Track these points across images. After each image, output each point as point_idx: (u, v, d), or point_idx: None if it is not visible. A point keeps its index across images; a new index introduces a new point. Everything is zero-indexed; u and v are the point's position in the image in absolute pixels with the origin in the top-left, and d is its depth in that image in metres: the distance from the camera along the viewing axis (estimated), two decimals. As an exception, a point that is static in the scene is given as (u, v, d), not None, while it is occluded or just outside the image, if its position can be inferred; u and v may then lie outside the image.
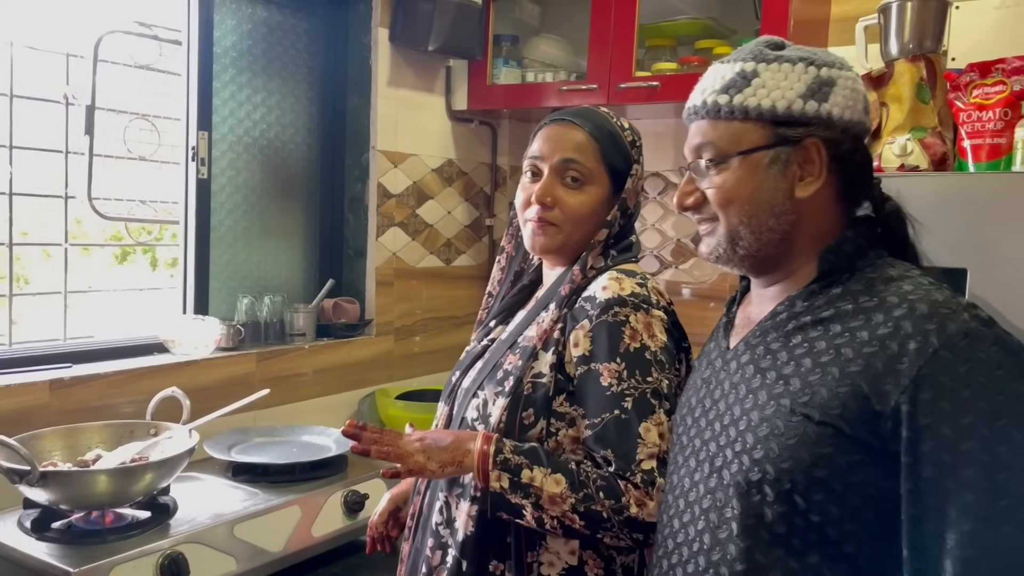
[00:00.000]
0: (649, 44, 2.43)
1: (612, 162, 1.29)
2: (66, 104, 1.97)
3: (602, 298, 1.20)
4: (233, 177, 2.28)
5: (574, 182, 1.28)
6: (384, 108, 2.46)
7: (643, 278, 1.25)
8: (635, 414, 1.14)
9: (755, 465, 0.93)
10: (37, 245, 2.02)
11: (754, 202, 1.00)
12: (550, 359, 1.21)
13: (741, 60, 1.02)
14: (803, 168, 0.98)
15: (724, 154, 1.00)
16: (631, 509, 1.11)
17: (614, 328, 1.18)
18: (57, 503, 1.47)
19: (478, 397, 1.26)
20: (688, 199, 1.05)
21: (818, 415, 0.90)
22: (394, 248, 2.54)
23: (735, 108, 0.99)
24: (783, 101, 0.98)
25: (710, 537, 0.98)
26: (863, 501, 0.88)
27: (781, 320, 1.01)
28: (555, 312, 1.25)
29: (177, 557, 1.45)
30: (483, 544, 1.20)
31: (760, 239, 1.01)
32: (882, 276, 0.96)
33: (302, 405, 2.26)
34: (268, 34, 2.35)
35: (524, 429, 1.19)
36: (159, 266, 2.29)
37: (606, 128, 1.31)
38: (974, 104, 1.71)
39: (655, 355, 1.18)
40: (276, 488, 1.74)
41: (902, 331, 0.87)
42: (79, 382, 1.78)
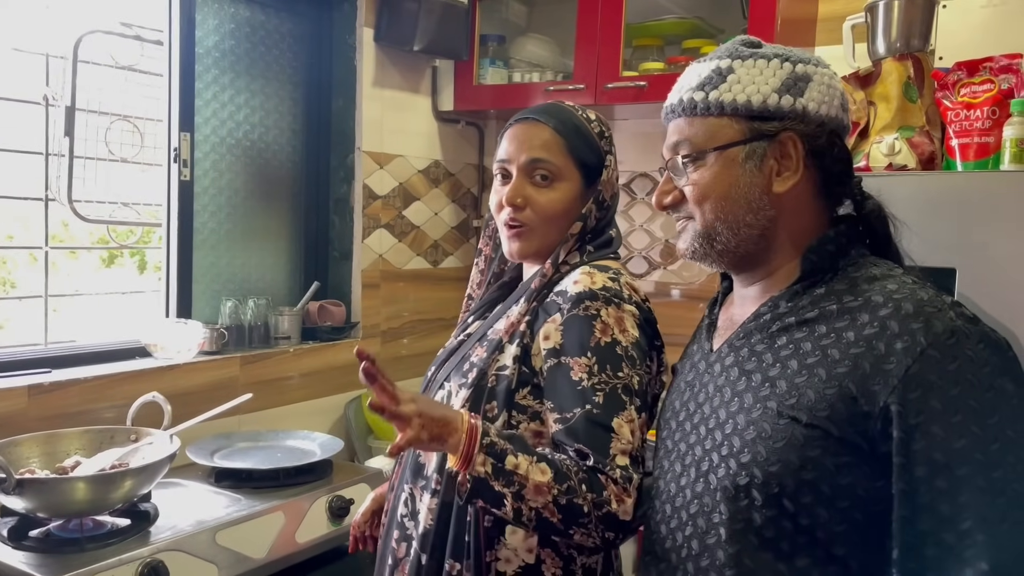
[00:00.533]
0: (636, 44, 2.42)
1: (580, 156, 1.28)
2: (46, 105, 1.94)
3: (573, 292, 1.18)
4: (216, 179, 2.25)
5: (544, 180, 1.26)
6: (369, 109, 2.44)
7: (616, 273, 1.23)
8: (606, 410, 1.12)
9: (742, 469, 0.92)
10: (17, 248, 1.99)
11: (730, 198, 0.99)
12: (514, 351, 1.20)
13: (717, 58, 1.03)
14: (780, 163, 0.98)
15: (700, 150, 1.00)
16: (611, 504, 1.08)
17: (585, 322, 1.16)
18: (34, 511, 1.44)
19: (444, 388, 1.26)
20: (666, 198, 1.05)
21: (805, 417, 0.89)
22: (380, 250, 2.51)
23: (711, 104, 0.99)
24: (758, 96, 0.98)
25: (698, 543, 0.97)
26: (852, 503, 0.87)
27: (765, 321, 1.00)
28: (524, 306, 1.23)
29: (157, 565, 1.42)
30: (442, 540, 1.18)
31: (738, 235, 1.00)
32: (865, 275, 0.95)
33: (287, 409, 2.23)
34: (251, 34, 2.32)
35: (488, 422, 1.17)
36: (147, 269, 2.26)
37: (571, 122, 1.29)
38: (962, 103, 1.70)
39: (626, 350, 1.15)
40: (260, 494, 1.72)
41: (889, 330, 0.87)
42: (58, 387, 1.75)
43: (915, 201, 1.62)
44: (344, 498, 1.78)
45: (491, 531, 1.17)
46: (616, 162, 1.33)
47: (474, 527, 1.17)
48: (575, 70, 2.36)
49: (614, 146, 1.33)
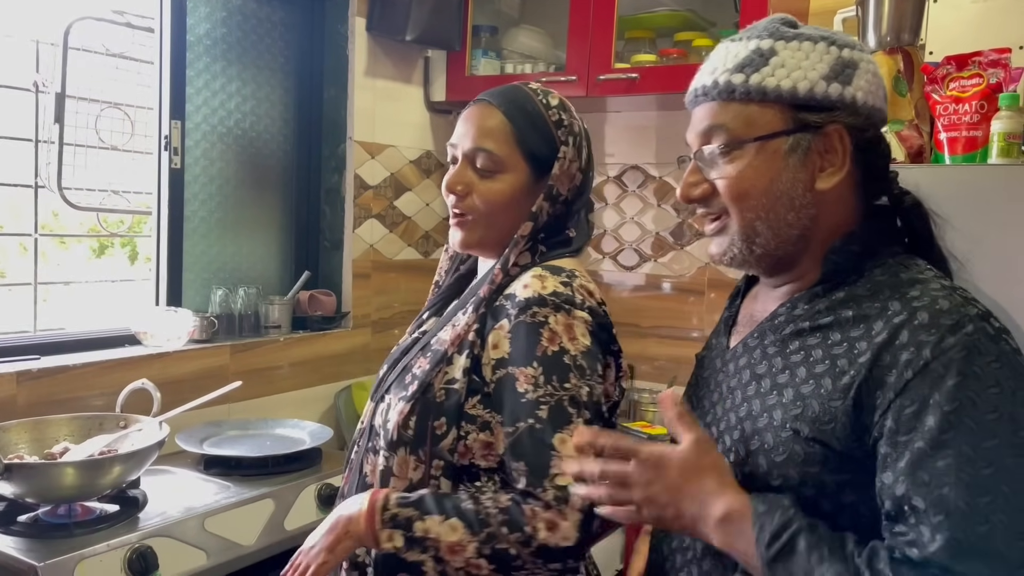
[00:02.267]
0: (628, 36, 2.42)
1: (530, 146, 1.18)
2: (36, 92, 1.93)
3: (522, 297, 1.10)
4: (207, 167, 2.25)
5: (487, 172, 1.18)
6: (361, 98, 2.44)
7: (570, 276, 1.14)
8: (550, 424, 1.04)
9: (746, 480, 0.88)
10: (6, 235, 1.98)
11: (772, 194, 0.90)
12: (464, 363, 1.12)
13: (756, 37, 0.92)
14: (824, 157, 0.90)
15: (739, 139, 0.90)
16: (539, 536, 1.01)
17: (532, 329, 1.08)
18: (23, 496, 1.44)
19: (384, 401, 1.18)
20: (695, 190, 0.94)
21: (807, 430, 0.84)
22: (371, 240, 2.51)
23: (751, 89, 0.89)
24: (805, 83, 0.88)
25: (702, 546, 0.93)
26: (853, 521, 0.83)
27: (779, 323, 0.94)
28: (471, 316, 1.15)
29: (145, 551, 1.42)
30: (397, 562, 1.09)
31: (779, 236, 0.91)
32: (890, 280, 0.88)
33: (277, 398, 2.23)
34: (243, 22, 2.31)
35: (436, 439, 1.11)
36: (138, 260, 2.26)
37: (525, 108, 1.19)
38: (951, 97, 1.71)
39: (575, 359, 1.07)
40: (249, 481, 1.72)
41: (898, 340, 0.81)
42: (47, 374, 1.75)
43: (903, 194, 1.63)
44: (333, 486, 1.78)
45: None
46: (582, 153, 1.22)
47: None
48: (567, 62, 2.36)
49: (579, 136, 1.22)
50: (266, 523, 1.65)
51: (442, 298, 1.33)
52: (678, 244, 2.56)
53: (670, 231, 2.58)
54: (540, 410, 1.05)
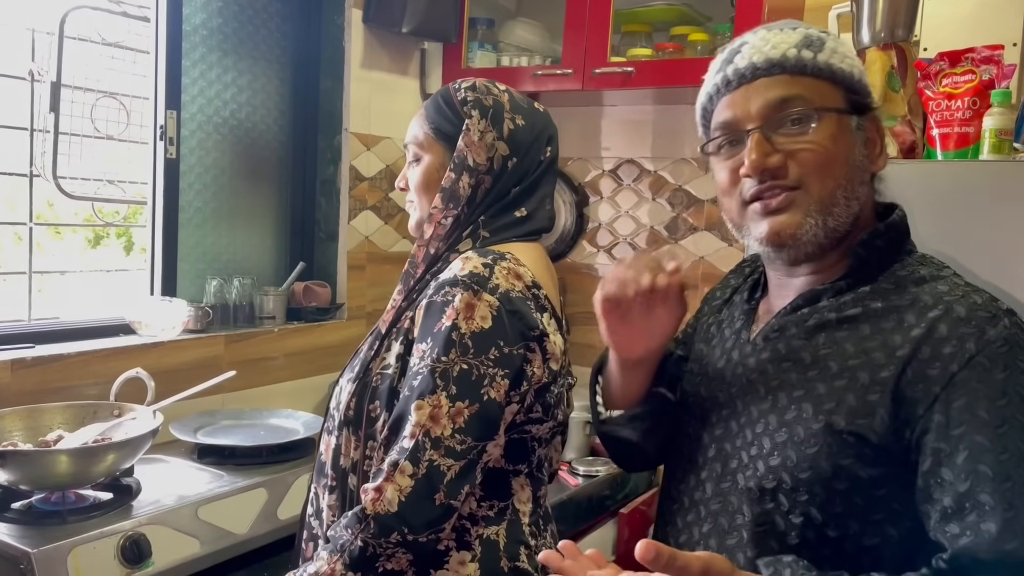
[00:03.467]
0: (625, 30, 2.43)
1: (437, 126, 1.26)
2: (32, 81, 1.93)
3: (443, 278, 1.14)
4: (203, 157, 2.25)
5: (415, 161, 1.29)
6: (357, 90, 2.44)
7: (497, 258, 1.14)
8: (416, 391, 1.07)
9: (770, 472, 0.87)
10: (1, 224, 1.98)
11: (850, 165, 0.91)
12: (398, 349, 1.17)
13: (800, 27, 0.95)
14: (869, 142, 0.94)
15: (822, 108, 0.90)
16: (368, 508, 1.03)
17: (437, 308, 1.11)
18: (17, 483, 1.44)
19: (338, 384, 1.26)
20: (772, 159, 0.90)
21: (843, 423, 0.84)
22: (366, 232, 2.52)
23: (821, 65, 0.91)
24: (856, 69, 0.93)
25: (716, 542, 0.92)
26: (886, 516, 0.83)
27: (803, 315, 0.93)
28: (398, 297, 1.23)
29: (139, 539, 1.43)
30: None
31: (850, 210, 0.91)
32: (913, 276, 0.90)
33: (271, 389, 2.24)
34: (239, 12, 2.31)
35: (371, 422, 1.17)
36: (133, 251, 2.26)
37: (436, 96, 1.29)
38: (943, 93, 1.72)
39: (462, 337, 1.08)
40: (242, 470, 1.73)
41: (937, 334, 0.82)
42: (41, 362, 1.75)
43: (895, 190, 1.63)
44: (326, 476, 1.79)
45: None
46: (500, 126, 1.22)
47: None
48: (563, 55, 2.37)
49: (492, 108, 1.22)
50: (259, 512, 1.66)
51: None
52: (672, 238, 2.57)
53: (665, 225, 2.59)
54: (415, 380, 1.09)
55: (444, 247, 1.23)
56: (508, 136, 1.23)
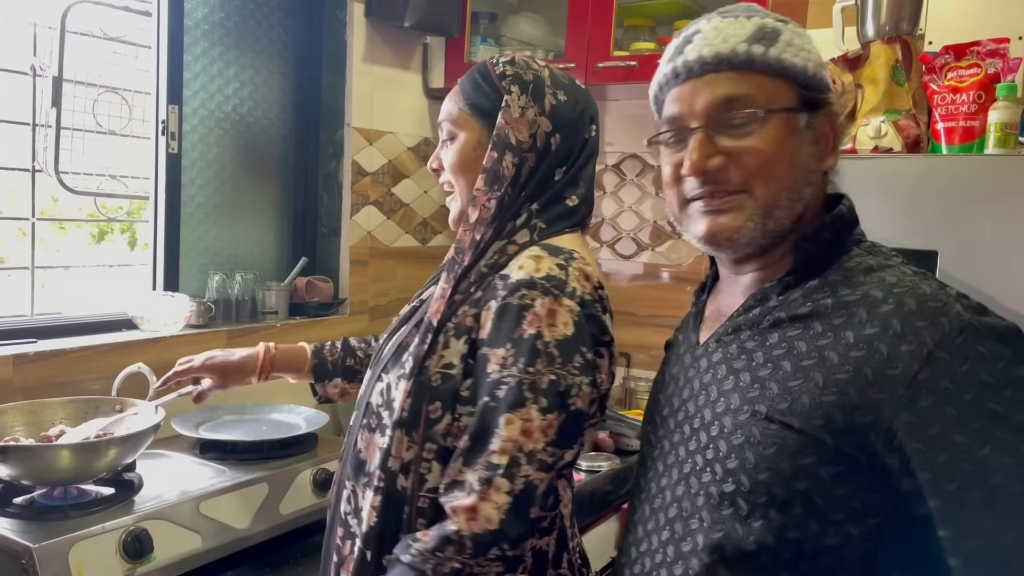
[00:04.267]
0: (628, 24, 2.42)
1: (474, 102, 1.19)
2: (33, 75, 1.92)
3: (514, 279, 1.08)
4: (204, 152, 2.24)
5: (450, 140, 1.22)
6: (359, 85, 2.43)
7: (568, 258, 1.10)
8: (504, 403, 1.03)
9: (729, 476, 0.86)
10: (3, 219, 1.98)
11: (795, 166, 0.89)
12: (461, 348, 1.11)
13: (755, 15, 0.91)
14: (821, 139, 0.91)
15: (768, 108, 0.87)
16: (463, 530, 1.00)
17: (517, 312, 1.06)
18: (19, 478, 1.44)
19: (382, 381, 1.17)
20: (713, 161, 0.89)
21: (798, 423, 0.82)
22: (369, 227, 2.51)
23: (772, 60, 0.87)
24: (811, 63, 0.89)
25: (674, 549, 0.90)
26: (846, 515, 0.82)
27: (755, 316, 0.92)
28: (443, 287, 1.15)
29: (140, 534, 1.43)
30: (384, 537, 1.13)
31: (793, 211, 0.90)
32: (861, 265, 0.88)
33: (273, 384, 2.22)
34: (241, 6, 2.31)
35: (430, 423, 1.11)
36: (137, 247, 2.26)
37: (473, 71, 1.22)
38: (948, 87, 1.71)
39: (547, 345, 1.04)
40: (244, 465, 1.72)
41: (891, 330, 0.80)
42: (43, 357, 1.75)
43: (900, 184, 1.64)
44: (328, 471, 1.79)
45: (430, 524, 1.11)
46: (541, 101, 1.17)
47: (411, 523, 1.11)
48: (566, 49, 2.36)
49: (532, 83, 1.18)
50: (261, 507, 1.65)
51: (440, 268, 1.32)
52: (676, 233, 2.56)
53: (668, 220, 2.58)
54: (499, 389, 1.04)
55: (492, 233, 1.16)
56: (550, 112, 1.18)
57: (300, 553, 1.71)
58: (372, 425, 1.18)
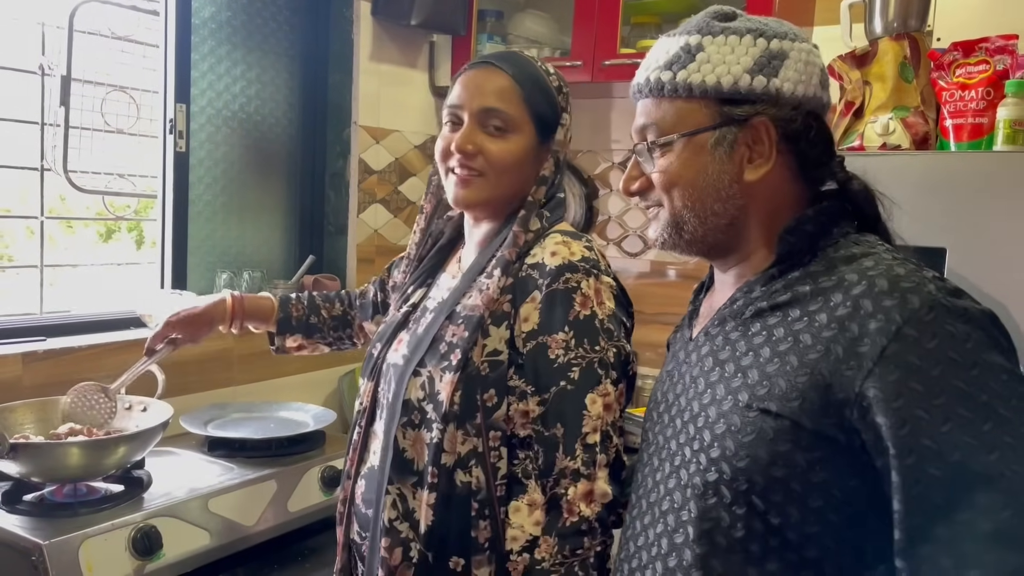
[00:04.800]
0: (635, 21, 2.41)
1: (537, 109, 1.22)
2: (42, 75, 1.93)
3: (552, 265, 1.15)
4: (212, 151, 2.25)
5: (497, 130, 1.20)
6: (366, 83, 2.44)
7: (589, 240, 1.21)
8: (581, 385, 1.11)
9: (712, 465, 0.88)
10: (13, 218, 1.99)
11: (698, 186, 0.94)
12: (503, 334, 1.15)
13: (687, 33, 0.95)
14: (752, 149, 0.92)
15: (667, 135, 0.94)
16: (586, 514, 1.08)
17: (565, 296, 1.13)
18: (29, 476, 1.45)
19: (420, 375, 1.18)
20: (633, 184, 0.99)
21: (776, 407, 0.84)
22: (375, 225, 2.52)
23: (678, 85, 0.93)
24: (728, 77, 0.91)
25: (667, 541, 0.92)
26: (826, 503, 0.82)
27: (738, 308, 0.95)
28: (502, 279, 1.17)
29: (150, 531, 1.44)
30: (447, 535, 1.14)
31: (705, 224, 0.95)
32: (844, 255, 0.89)
33: (281, 382, 2.24)
34: (248, 5, 2.31)
35: (488, 411, 1.14)
36: (144, 245, 2.26)
37: (530, 72, 1.23)
38: (957, 83, 1.70)
39: (603, 323, 1.13)
40: (252, 463, 1.73)
41: (862, 310, 0.81)
42: (52, 355, 1.76)
43: (908, 181, 1.63)
44: (336, 468, 1.80)
45: (497, 518, 1.14)
46: (572, 121, 1.28)
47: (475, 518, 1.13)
48: (573, 47, 2.36)
49: (571, 105, 1.28)
50: (269, 504, 1.66)
51: (426, 270, 1.35)
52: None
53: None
54: (572, 372, 1.11)
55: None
56: (572, 129, 1.30)
57: (308, 550, 1.72)
58: (415, 421, 1.18)
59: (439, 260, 1.36)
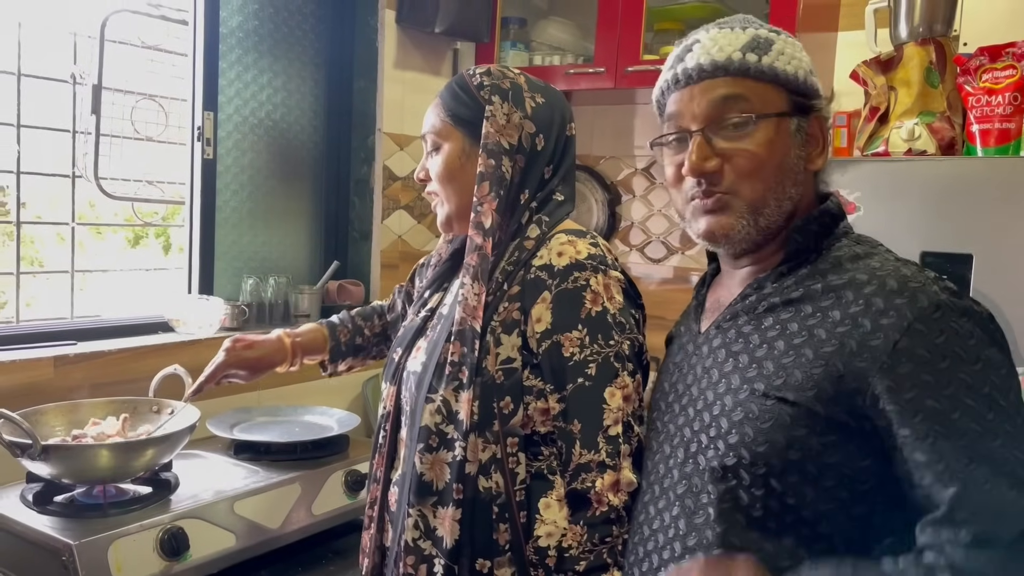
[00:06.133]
0: (657, 27, 2.42)
1: (457, 114, 1.26)
2: (73, 84, 1.97)
3: (561, 265, 1.17)
4: (239, 158, 2.28)
5: (434, 150, 1.28)
6: (391, 90, 2.46)
7: (593, 236, 1.23)
8: (599, 380, 1.13)
9: (730, 450, 0.93)
10: (44, 224, 2.03)
11: (783, 169, 0.96)
12: (515, 341, 1.17)
13: (750, 26, 0.99)
14: (810, 141, 0.99)
15: (762, 114, 0.95)
16: (615, 502, 1.10)
17: (575, 295, 1.15)
18: (59, 477, 1.48)
19: (433, 401, 1.19)
20: (710, 163, 0.96)
21: (792, 396, 0.90)
22: (399, 231, 2.53)
23: (765, 68, 0.95)
24: (802, 71, 0.97)
25: (686, 523, 0.97)
26: (838, 482, 0.88)
27: (751, 303, 1.00)
28: (474, 286, 1.19)
29: (177, 532, 1.45)
30: (470, 541, 1.16)
31: (782, 209, 0.97)
32: (848, 254, 0.96)
33: (306, 386, 2.26)
34: (275, 14, 2.34)
35: (505, 419, 1.16)
36: (171, 251, 2.30)
37: (451, 84, 1.29)
38: (983, 88, 1.69)
39: (615, 317, 1.16)
40: (277, 466, 1.75)
41: (874, 307, 0.88)
42: (83, 359, 1.79)
43: (934, 186, 1.62)
44: (360, 473, 1.81)
45: (526, 525, 1.16)
46: (523, 105, 1.24)
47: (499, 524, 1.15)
48: (596, 53, 2.36)
49: (511, 91, 1.25)
50: (294, 507, 1.68)
51: (439, 275, 1.38)
52: (706, 237, 2.55)
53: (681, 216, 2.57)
54: (589, 368, 1.14)
55: (505, 235, 1.23)
56: (532, 114, 1.25)
57: (332, 553, 1.73)
58: (433, 445, 1.20)
59: (453, 265, 1.38)
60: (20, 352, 1.73)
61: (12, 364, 1.68)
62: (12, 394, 1.65)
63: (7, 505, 1.49)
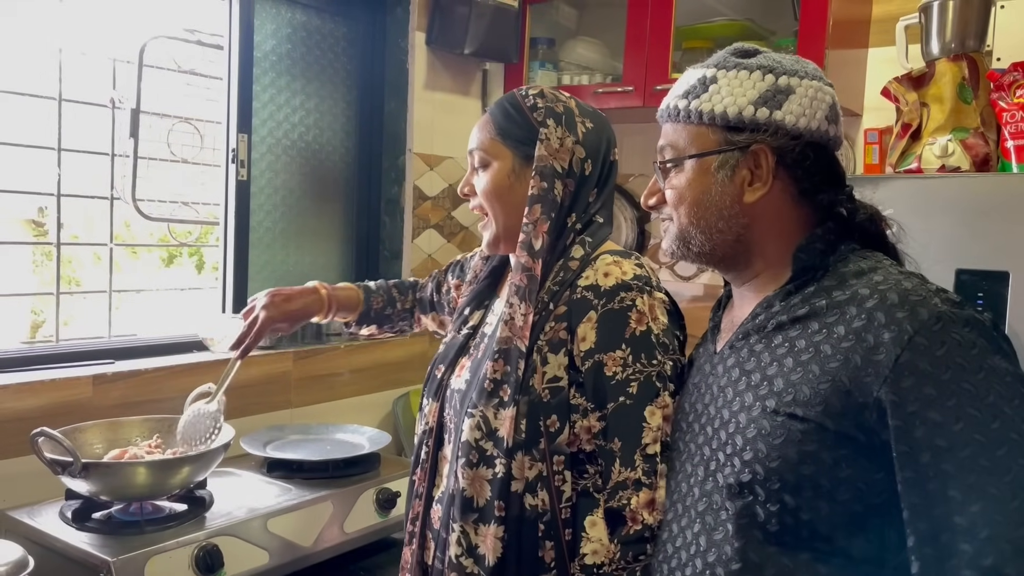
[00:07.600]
0: (686, 46, 2.42)
1: (508, 133, 1.27)
2: (112, 108, 2.02)
3: (607, 286, 1.18)
4: (272, 179, 2.32)
5: (482, 166, 1.29)
6: (420, 111, 2.49)
7: (638, 257, 1.25)
8: (640, 399, 1.14)
9: (745, 467, 0.95)
10: (83, 245, 2.07)
11: (702, 204, 1.04)
12: (562, 360, 1.18)
13: (705, 67, 1.06)
14: (753, 173, 1.02)
15: (678, 156, 1.06)
16: (649, 520, 1.11)
17: (621, 315, 1.17)
18: (98, 494, 1.50)
19: (472, 417, 1.20)
20: (651, 199, 1.12)
21: (801, 412, 0.92)
22: (429, 250, 2.55)
23: (691, 112, 1.03)
24: (734, 107, 1.01)
25: (706, 539, 0.99)
26: (852, 496, 0.89)
27: (760, 322, 1.03)
28: (523, 306, 1.19)
29: (212, 549, 1.47)
30: (519, 562, 1.16)
31: (711, 239, 1.05)
32: (853, 270, 0.98)
33: (338, 404, 2.28)
34: (307, 38, 2.38)
35: (552, 437, 1.16)
36: (204, 270, 2.33)
37: (503, 102, 1.30)
38: (1017, 104, 1.67)
39: (658, 338, 1.17)
40: (310, 484, 1.76)
41: (876, 322, 0.89)
42: (121, 378, 1.82)
43: (969, 203, 1.60)
44: (391, 491, 1.82)
45: (571, 542, 1.16)
46: (575, 129, 1.26)
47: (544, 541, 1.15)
48: (624, 72, 2.37)
49: (564, 115, 1.26)
50: (326, 525, 1.69)
51: (478, 293, 1.39)
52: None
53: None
54: (631, 387, 1.15)
55: (552, 256, 1.24)
56: (583, 140, 1.27)
57: (363, 571, 1.74)
58: (473, 461, 1.20)
59: (493, 282, 1.39)
60: (60, 371, 1.76)
61: (52, 383, 1.71)
62: (52, 412, 1.68)
63: (47, 522, 1.52)
